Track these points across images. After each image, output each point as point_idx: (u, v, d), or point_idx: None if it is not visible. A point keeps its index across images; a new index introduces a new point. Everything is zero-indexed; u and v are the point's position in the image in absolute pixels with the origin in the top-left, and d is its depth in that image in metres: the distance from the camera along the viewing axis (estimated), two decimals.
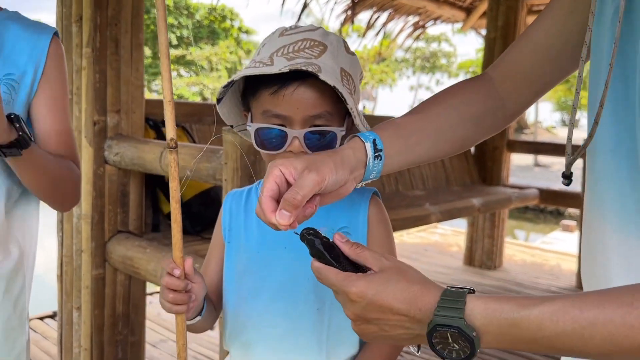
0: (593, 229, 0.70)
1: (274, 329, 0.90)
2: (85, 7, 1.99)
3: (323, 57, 0.84)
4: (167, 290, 0.81)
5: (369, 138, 0.74)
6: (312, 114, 0.84)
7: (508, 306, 0.57)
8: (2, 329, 1.12)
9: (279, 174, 0.69)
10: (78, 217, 2.13)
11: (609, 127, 0.66)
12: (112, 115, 2.07)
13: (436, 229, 6.42)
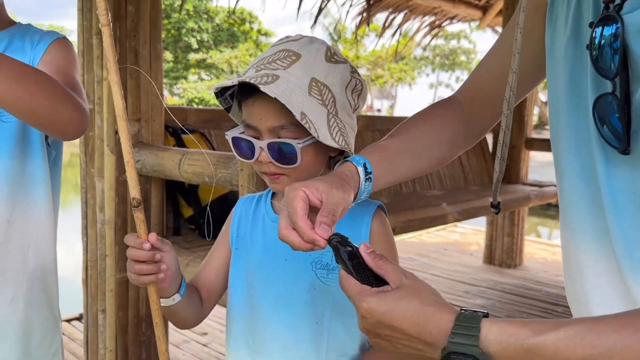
0: (568, 249, 0.74)
1: (277, 340, 0.92)
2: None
3: (291, 68, 0.86)
4: (133, 262, 0.83)
5: (359, 162, 0.79)
6: (275, 125, 0.86)
7: (523, 331, 0.57)
8: (39, 328, 1.19)
9: (304, 195, 0.71)
10: (102, 222, 2.21)
11: (572, 153, 0.71)
12: (132, 123, 2.15)
13: (456, 227, 6.40)
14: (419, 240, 5.76)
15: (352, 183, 0.77)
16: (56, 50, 1.16)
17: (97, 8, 0.76)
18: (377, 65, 31.34)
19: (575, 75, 0.69)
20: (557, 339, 0.55)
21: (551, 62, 0.75)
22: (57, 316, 1.25)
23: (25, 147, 1.14)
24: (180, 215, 2.46)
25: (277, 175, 0.89)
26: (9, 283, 1.13)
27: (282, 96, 0.80)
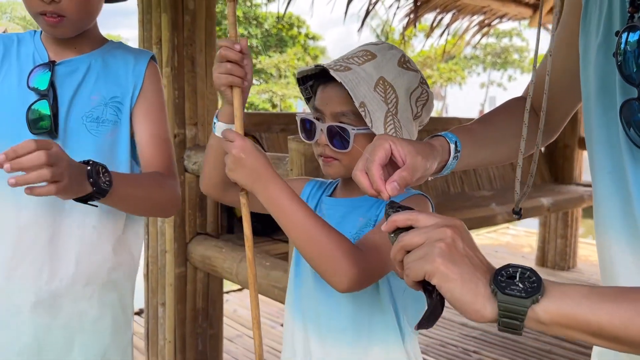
0: (601, 244, 0.77)
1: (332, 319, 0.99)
2: (164, 30, 2.20)
3: (365, 65, 0.94)
4: (224, 63, 0.89)
5: (452, 139, 0.85)
6: (337, 111, 0.95)
7: (571, 283, 0.59)
8: (111, 325, 1.27)
9: (388, 148, 0.75)
10: (162, 220, 2.35)
11: (603, 153, 0.75)
12: (190, 127, 2.28)
13: (508, 229, 6.30)
14: None
15: (439, 156, 0.82)
16: (150, 86, 1.26)
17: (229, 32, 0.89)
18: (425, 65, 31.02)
19: (606, 80, 0.73)
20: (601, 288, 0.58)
21: (584, 67, 0.79)
22: (129, 314, 1.34)
23: (113, 160, 1.22)
24: (234, 214, 2.57)
25: (331, 159, 0.97)
26: (92, 279, 1.23)
27: (348, 83, 0.89)
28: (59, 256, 1.19)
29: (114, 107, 1.22)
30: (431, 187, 3.82)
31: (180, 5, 2.17)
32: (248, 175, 0.89)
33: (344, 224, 0.97)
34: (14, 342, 1.19)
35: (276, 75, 27.27)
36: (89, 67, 1.22)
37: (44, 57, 1.21)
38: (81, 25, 1.19)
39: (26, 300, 1.17)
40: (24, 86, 1.17)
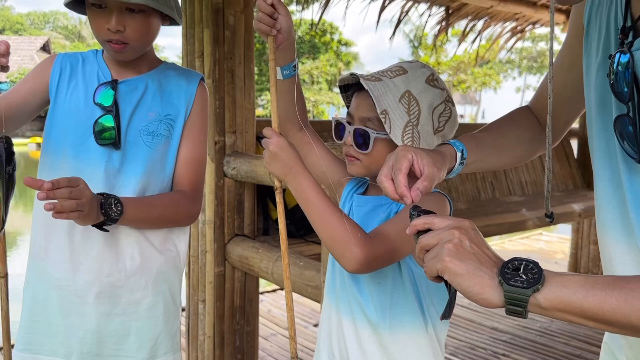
0: (602, 243, 0.87)
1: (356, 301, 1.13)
2: (206, 44, 2.35)
3: (395, 79, 1.07)
4: (260, 15, 1.04)
5: (459, 148, 0.96)
6: (364, 116, 1.08)
7: (569, 273, 0.68)
8: (163, 313, 1.41)
9: (411, 159, 0.86)
10: (203, 222, 2.50)
11: (603, 161, 0.84)
12: (229, 135, 2.42)
13: (541, 235, 6.27)
14: (501, 248, 5.71)
15: (448, 163, 0.93)
16: (198, 107, 1.41)
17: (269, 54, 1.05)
18: (459, 70, 30.76)
19: (603, 97, 0.82)
20: (595, 277, 0.65)
21: (587, 84, 0.89)
22: (178, 304, 1.48)
23: (161, 169, 1.37)
24: (269, 217, 2.71)
25: (353, 158, 1.11)
26: (146, 271, 1.38)
27: (375, 92, 1.03)
28: (117, 253, 1.34)
29: (167, 123, 1.37)
30: (462, 192, 3.88)
31: (221, 21, 2.31)
32: (281, 168, 1.03)
33: (369, 219, 1.10)
34: (79, 327, 1.34)
35: (309, 82, 27.50)
36: (147, 86, 1.37)
37: (107, 76, 1.35)
38: (141, 50, 1.34)
39: (90, 292, 1.33)
40: (90, 101, 1.32)
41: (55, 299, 1.34)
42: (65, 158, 1.32)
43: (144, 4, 1.22)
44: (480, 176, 3.99)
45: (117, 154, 1.32)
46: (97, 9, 1.25)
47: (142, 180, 1.34)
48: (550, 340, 3.42)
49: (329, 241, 1.00)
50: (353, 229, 0.98)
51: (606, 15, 0.84)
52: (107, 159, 1.31)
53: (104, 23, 1.25)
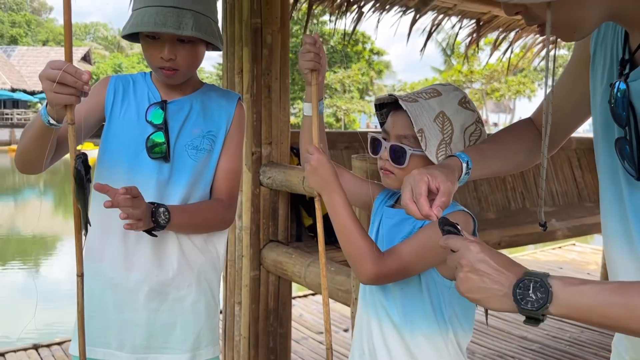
0: (607, 252, 0.97)
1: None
2: (245, 61, 2.51)
3: (430, 100, 1.18)
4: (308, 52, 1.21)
5: (464, 159, 1.06)
6: (401, 134, 1.19)
7: (580, 281, 0.76)
8: (205, 309, 1.55)
9: (427, 181, 0.95)
10: (240, 228, 2.64)
11: (607, 178, 0.94)
12: (265, 146, 2.56)
13: (574, 246, 6.22)
14: (533, 258, 5.70)
15: (457, 174, 1.03)
16: (236, 125, 1.56)
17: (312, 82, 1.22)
18: (492, 78, 30.44)
19: (607, 120, 0.92)
20: (600, 287, 0.74)
21: (593, 107, 0.99)
22: (217, 301, 1.62)
23: (202, 179, 1.52)
24: (302, 224, 2.83)
25: (389, 172, 1.22)
26: (190, 271, 1.52)
27: (412, 112, 1.14)
28: (165, 254, 1.49)
29: (209, 139, 1.52)
30: (492, 202, 3.92)
31: (260, 39, 2.46)
32: (319, 182, 1.18)
33: (396, 231, 1.21)
34: (131, 322, 1.49)
35: (340, 90, 27.66)
36: (192, 106, 1.52)
37: (157, 96, 1.51)
38: (189, 74, 1.50)
39: (142, 290, 1.48)
40: (142, 119, 1.48)
41: (109, 296, 1.48)
42: (119, 170, 1.47)
43: (194, 36, 1.37)
44: (510, 186, 4.03)
45: (166, 167, 1.47)
46: (151, 39, 1.40)
47: (186, 189, 1.48)
48: (580, 351, 3.43)
49: (349, 254, 1.15)
50: (370, 247, 1.12)
51: (610, 46, 0.94)
52: (158, 171, 1.46)
53: (157, 52, 1.40)
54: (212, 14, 1.46)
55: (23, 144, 1.36)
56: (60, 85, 1.13)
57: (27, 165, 1.42)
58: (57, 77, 1.12)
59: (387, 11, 4.55)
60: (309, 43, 1.21)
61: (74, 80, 1.14)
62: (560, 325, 3.70)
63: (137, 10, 1.38)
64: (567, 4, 0.70)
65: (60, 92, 1.14)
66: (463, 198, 3.59)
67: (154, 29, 1.34)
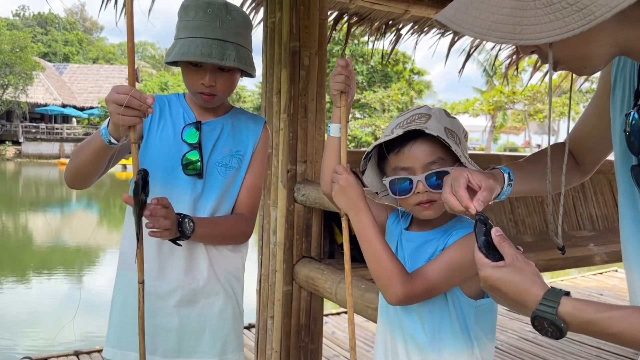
0: (630, 279, 0.99)
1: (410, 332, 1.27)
2: (283, 82, 2.60)
3: (429, 122, 1.20)
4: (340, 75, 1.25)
5: (506, 171, 1.09)
6: (428, 161, 1.18)
7: (589, 309, 0.81)
8: (232, 314, 1.65)
9: (467, 177, 0.98)
10: (274, 243, 2.71)
11: (627, 203, 0.97)
12: (300, 164, 2.64)
13: (616, 273, 6.03)
14: (573, 283, 5.56)
15: (500, 181, 1.05)
16: (261, 145, 1.66)
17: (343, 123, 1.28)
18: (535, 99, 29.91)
19: (625, 148, 0.94)
20: (610, 317, 0.79)
21: (613, 134, 1.02)
22: (241, 309, 1.71)
23: (229, 193, 1.62)
24: (335, 241, 2.88)
25: (430, 203, 1.20)
26: (218, 279, 1.61)
27: (440, 135, 1.15)
28: (196, 264, 1.59)
29: (237, 158, 1.63)
30: (529, 225, 3.88)
31: (298, 61, 2.56)
32: (347, 202, 1.21)
33: (418, 253, 1.24)
34: (163, 327, 1.57)
35: (379, 110, 27.70)
36: (223, 127, 1.63)
37: (191, 117, 1.61)
38: (225, 99, 1.62)
39: (174, 297, 1.57)
40: (178, 138, 1.58)
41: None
42: (155, 184, 1.56)
43: (235, 66, 1.48)
44: (548, 209, 3.96)
45: (199, 182, 1.57)
46: (193, 67, 1.51)
47: (216, 203, 1.58)
48: None
49: (377, 275, 1.17)
50: (399, 269, 1.15)
51: (629, 76, 0.97)
52: (192, 187, 1.56)
53: (198, 79, 1.51)
54: (249, 45, 1.57)
55: (79, 161, 1.46)
56: (127, 108, 1.24)
57: (79, 181, 1.52)
58: (124, 101, 1.23)
59: (425, 33, 4.60)
60: (341, 65, 1.25)
61: (140, 104, 1.25)
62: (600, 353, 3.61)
63: (183, 39, 1.48)
64: (571, 41, 0.74)
65: (127, 115, 1.25)
66: (500, 220, 3.56)
67: (200, 59, 1.44)
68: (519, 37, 0.74)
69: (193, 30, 1.46)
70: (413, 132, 1.18)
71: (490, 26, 0.75)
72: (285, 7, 2.55)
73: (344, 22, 4.15)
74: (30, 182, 21.52)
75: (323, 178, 1.34)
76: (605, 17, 0.69)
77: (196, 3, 1.48)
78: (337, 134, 1.29)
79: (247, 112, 1.74)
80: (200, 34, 1.45)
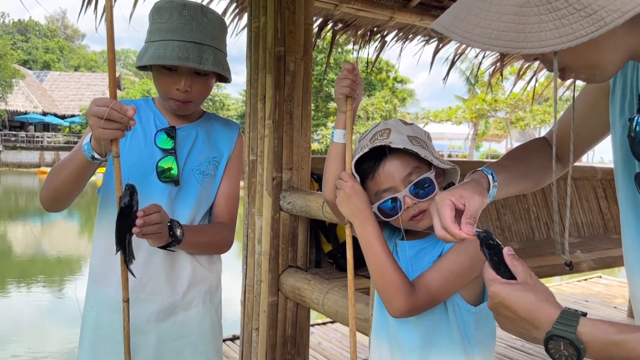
0: (632, 288, 0.95)
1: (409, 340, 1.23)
2: (268, 88, 2.55)
3: (391, 136, 1.17)
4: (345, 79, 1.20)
5: (488, 172, 1.04)
6: (405, 175, 1.16)
7: (612, 329, 0.73)
8: (211, 328, 1.59)
9: (450, 203, 0.92)
10: (259, 253, 2.65)
11: (628, 208, 0.92)
12: (286, 172, 2.58)
13: (600, 279, 6.05)
14: (558, 290, 5.56)
15: (485, 188, 1.00)
16: (237, 152, 1.62)
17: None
18: (517, 107, 30.25)
19: (627, 153, 0.91)
20: (636, 338, 0.71)
21: (613, 137, 0.98)
22: (220, 320, 1.65)
23: (206, 201, 1.57)
24: (321, 250, 2.83)
25: (421, 214, 1.17)
26: (196, 291, 1.55)
27: (406, 146, 1.13)
28: (175, 277, 1.52)
29: (213, 164, 1.57)
30: (515, 232, 3.87)
31: (283, 67, 2.50)
32: (351, 210, 1.17)
33: (415, 262, 1.21)
34: (142, 344, 1.49)
35: (364, 117, 27.79)
36: (197, 133, 1.57)
37: (164, 122, 1.54)
38: (200, 105, 1.56)
39: (152, 311, 1.50)
40: (150, 144, 1.50)
41: (117, 320, 1.47)
42: None
43: (213, 70, 1.42)
44: (534, 216, 3.97)
45: (175, 190, 1.50)
46: (168, 71, 1.44)
47: (193, 211, 1.53)
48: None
49: (382, 287, 1.13)
50: (405, 281, 1.11)
51: (630, 79, 0.93)
52: (167, 194, 1.49)
53: (172, 84, 1.45)
54: (225, 49, 1.51)
55: (59, 182, 1.38)
56: (107, 121, 1.19)
57: (59, 203, 1.44)
58: (104, 114, 1.17)
59: (410, 40, 4.59)
60: (347, 69, 1.20)
61: (120, 117, 1.20)
62: None
63: (157, 42, 1.41)
64: (578, 48, 0.69)
65: (108, 128, 1.20)
66: (486, 227, 3.54)
67: (178, 63, 1.38)
68: (522, 46, 0.69)
69: (168, 33, 1.40)
70: (380, 152, 1.17)
71: (491, 34, 0.70)
72: (269, 12, 2.50)
73: (328, 29, 4.12)
74: (10, 191, 21.12)
75: (326, 185, 1.29)
76: (617, 23, 0.65)
77: (170, 5, 1.42)
78: (342, 140, 1.24)
79: (221, 117, 1.69)
80: (176, 36, 1.39)
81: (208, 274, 1.58)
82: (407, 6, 3.85)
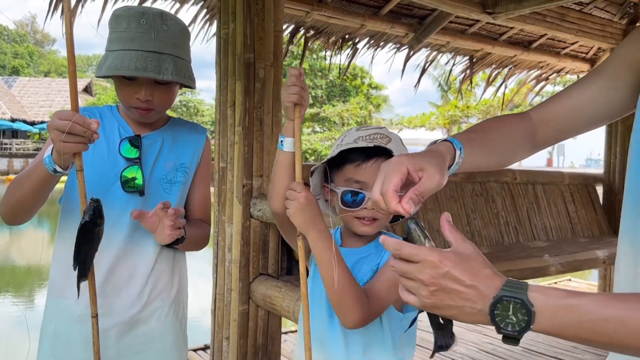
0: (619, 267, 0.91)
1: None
2: (238, 94, 2.53)
3: (390, 145, 1.18)
4: (294, 86, 1.14)
5: (458, 145, 0.93)
6: None
7: (563, 293, 0.67)
8: (173, 342, 1.55)
9: (405, 172, 0.82)
10: (229, 261, 2.62)
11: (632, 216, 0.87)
12: (256, 179, 2.56)
13: (569, 282, 6.17)
14: None
15: (447, 163, 0.90)
16: (206, 156, 1.63)
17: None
18: (488, 114, 30.73)
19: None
20: (591, 300, 0.66)
21: (635, 138, 0.88)
22: (185, 333, 1.62)
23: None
24: (293, 257, 2.81)
25: (372, 221, 1.18)
26: (159, 302, 1.52)
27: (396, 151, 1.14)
28: (135, 288, 1.48)
29: (182, 171, 1.55)
30: (485, 237, 3.92)
31: (252, 74, 2.49)
32: (305, 222, 1.13)
33: (355, 271, 1.19)
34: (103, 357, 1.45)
35: (339, 123, 27.88)
36: (163, 140, 1.54)
37: (128, 131, 1.51)
38: (163, 113, 1.54)
39: (112, 323, 1.46)
40: (114, 153, 1.46)
41: (77, 334, 1.45)
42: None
43: (172, 80, 1.39)
44: (504, 220, 4.02)
45: (140, 200, 1.46)
46: (127, 81, 1.41)
47: None
48: None
49: (340, 299, 1.10)
50: (361, 293, 1.10)
51: None
52: (132, 205, 1.45)
53: (133, 93, 1.42)
54: (188, 56, 1.48)
55: (20, 195, 1.34)
56: (69, 135, 1.15)
57: (20, 216, 1.40)
58: (66, 128, 1.13)
59: (382, 47, 4.63)
60: (294, 75, 1.16)
61: (83, 130, 1.16)
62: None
63: (115, 52, 1.38)
64: None
65: (70, 142, 1.16)
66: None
67: (135, 73, 1.35)
68: None
69: (126, 42, 1.37)
70: (375, 150, 1.17)
71: None
72: (238, 18, 2.49)
73: (300, 36, 4.12)
74: None
75: (274, 195, 1.24)
76: None
77: (129, 12, 1.39)
78: (292, 149, 1.19)
79: (187, 122, 1.67)
80: (135, 46, 1.36)
81: (170, 285, 1.55)
82: (378, 14, 3.88)
